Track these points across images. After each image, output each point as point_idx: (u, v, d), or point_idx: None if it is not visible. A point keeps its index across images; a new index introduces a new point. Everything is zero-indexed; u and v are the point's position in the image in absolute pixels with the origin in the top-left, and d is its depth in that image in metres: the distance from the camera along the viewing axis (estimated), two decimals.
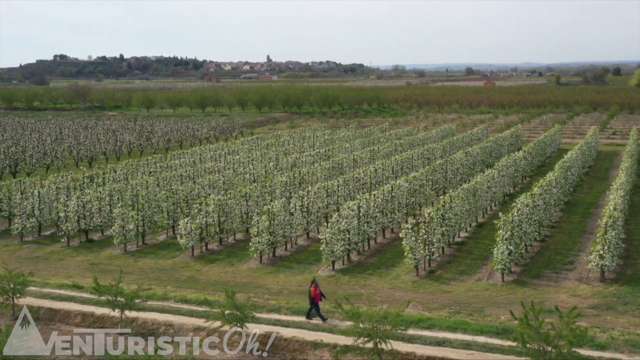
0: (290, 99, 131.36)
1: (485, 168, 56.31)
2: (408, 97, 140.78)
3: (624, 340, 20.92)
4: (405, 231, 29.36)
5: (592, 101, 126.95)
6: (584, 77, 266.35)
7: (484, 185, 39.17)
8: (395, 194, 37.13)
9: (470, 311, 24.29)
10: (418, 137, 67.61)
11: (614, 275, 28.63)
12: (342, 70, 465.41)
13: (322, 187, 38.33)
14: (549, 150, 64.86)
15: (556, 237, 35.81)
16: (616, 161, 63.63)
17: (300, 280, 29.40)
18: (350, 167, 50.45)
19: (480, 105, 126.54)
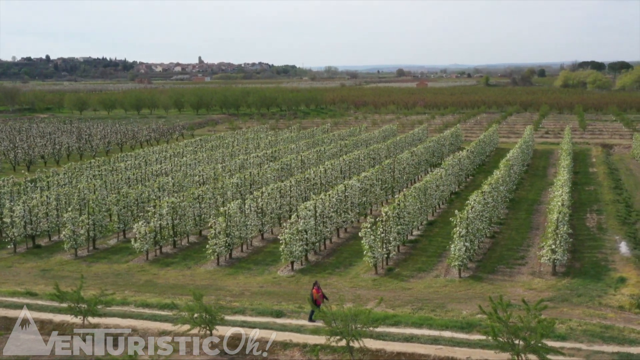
0: (228, 101, 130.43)
1: (429, 167, 57.55)
2: (345, 98, 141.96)
3: (582, 330, 21.74)
4: (364, 230, 29.70)
5: (522, 102, 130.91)
6: (511, 78, 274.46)
7: (433, 184, 39.94)
8: (348, 193, 37.47)
9: (433, 307, 24.77)
10: (362, 138, 68.31)
11: (564, 268, 29.68)
12: (275, 72, 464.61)
13: (276, 188, 38.34)
14: (488, 150, 66.63)
15: (505, 233, 36.85)
16: (552, 159, 65.94)
17: (260, 282, 29.37)
18: (298, 168, 50.63)
19: (416, 106, 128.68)
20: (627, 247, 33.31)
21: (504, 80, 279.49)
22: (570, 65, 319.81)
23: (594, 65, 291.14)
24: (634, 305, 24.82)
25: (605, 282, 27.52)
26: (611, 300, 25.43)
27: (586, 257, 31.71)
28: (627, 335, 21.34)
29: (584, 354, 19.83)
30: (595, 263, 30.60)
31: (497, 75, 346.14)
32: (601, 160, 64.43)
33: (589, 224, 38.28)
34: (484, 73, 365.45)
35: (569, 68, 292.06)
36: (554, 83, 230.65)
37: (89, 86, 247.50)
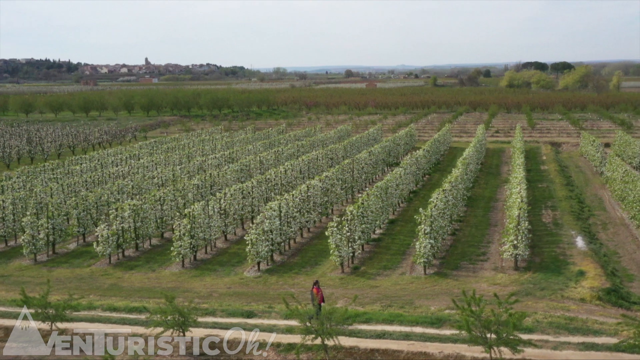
0: (179, 102, 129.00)
1: (386, 167, 58.22)
2: (297, 99, 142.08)
3: (547, 322, 22.35)
4: (331, 229, 29.93)
5: (471, 102, 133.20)
6: (459, 79, 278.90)
7: (393, 183, 40.44)
8: (310, 193, 37.65)
9: (401, 304, 25.09)
10: (318, 138, 68.55)
11: (525, 263, 30.43)
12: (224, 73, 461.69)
13: (238, 189, 38.25)
14: (442, 149, 67.75)
15: (465, 231, 37.57)
16: (504, 157, 67.43)
17: (228, 283, 29.30)
18: (257, 169, 50.60)
19: (368, 107, 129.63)
20: (583, 242, 34.35)
21: (451, 81, 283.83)
22: (514, 65, 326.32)
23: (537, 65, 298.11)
24: (594, 297, 25.64)
25: (565, 276, 28.32)
26: (573, 293, 26.19)
27: (545, 252, 32.58)
28: (591, 326, 22.01)
29: (551, 345, 20.38)
30: (555, 257, 31.47)
31: (444, 75, 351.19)
32: (551, 158, 66.18)
33: (545, 220, 39.32)
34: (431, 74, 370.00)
35: (514, 68, 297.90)
36: (499, 83, 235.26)
37: (33, 88, 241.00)
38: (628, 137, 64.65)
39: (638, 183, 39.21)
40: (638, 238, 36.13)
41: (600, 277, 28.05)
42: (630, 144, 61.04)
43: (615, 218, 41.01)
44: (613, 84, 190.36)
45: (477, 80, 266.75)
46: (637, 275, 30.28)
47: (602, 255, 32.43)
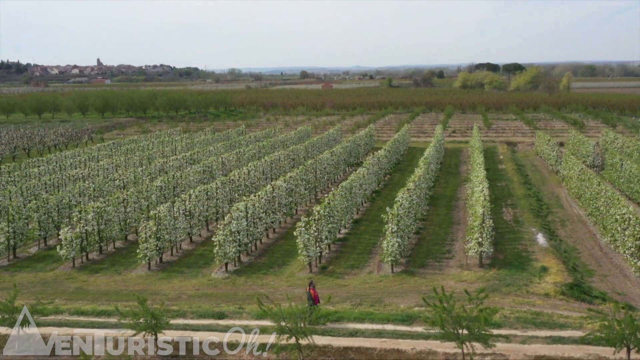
0: (135, 104, 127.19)
1: (347, 167, 58.61)
2: (254, 100, 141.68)
3: (515, 317, 22.89)
4: (299, 229, 30.06)
5: (427, 102, 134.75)
6: (413, 79, 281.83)
7: (357, 182, 40.77)
8: (276, 194, 37.71)
9: (371, 302, 25.33)
10: (279, 139, 68.59)
11: (490, 260, 31.05)
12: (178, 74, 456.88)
13: (203, 191, 38.07)
14: (402, 149, 68.47)
15: (429, 229, 38.09)
16: (462, 157, 68.53)
17: (196, 284, 29.14)
18: (219, 170, 50.41)
19: (325, 107, 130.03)
20: (543, 238, 35.21)
21: (406, 82, 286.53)
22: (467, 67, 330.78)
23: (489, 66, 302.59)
24: (558, 292, 26.33)
25: (529, 272, 28.99)
26: (537, 288, 26.85)
27: (508, 249, 33.28)
28: (557, 320, 22.61)
29: (520, 340, 20.87)
30: (517, 254, 32.18)
31: (399, 76, 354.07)
32: (508, 157, 67.48)
33: (506, 218, 40.12)
34: (385, 75, 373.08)
35: (466, 70, 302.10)
36: (453, 84, 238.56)
37: None
38: (582, 136, 66.37)
39: (594, 181, 40.31)
40: (596, 234, 37.16)
41: (562, 272, 28.82)
42: (584, 143, 62.64)
43: (573, 215, 42.08)
44: (563, 85, 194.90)
45: (432, 81, 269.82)
46: (596, 270, 31.16)
47: (563, 251, 33.33)
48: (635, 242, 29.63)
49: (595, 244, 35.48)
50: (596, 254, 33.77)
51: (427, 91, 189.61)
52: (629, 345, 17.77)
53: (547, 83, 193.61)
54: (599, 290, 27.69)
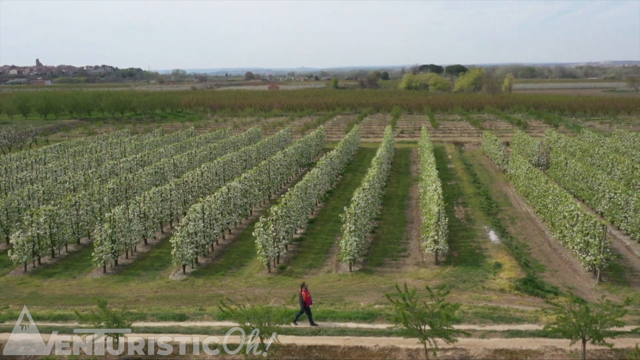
0: (79, 105, 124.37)
1: (299, 167, 58.77)
2: (201, 102, 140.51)
3: (473, 313, 23.48)
4: (257, 229, 30.08)
5: (374, 103, 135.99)
6: (359, 81, 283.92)
7: (312, 183, 40.98)
8: (231, 195, 37.60)
9: (332, 301, 25.59)
10: (230, 140, 68.27)
11: (445, 258, 31.64)
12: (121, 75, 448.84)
13: (157, 192, 37.67)
14: (353, 149, 69.00)
15: (384, 228, 38.54)
16: (411, 157, 69.47)
17: (154, 287, 28.84)
18: (171, 172, 49.92)
19: (273, 108, 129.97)
20: (495, 236, 36.05)
21: (352, 83, 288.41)
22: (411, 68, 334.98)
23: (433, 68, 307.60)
24: (512, 288, 27.05)
25: (484, 268, 29.69)
26: (492, 284, 27.54)
27: (462, 246, 33.96)
28: (513, 315, 23.28)
29: (479, 334, 21.43)
30: (471, 251, 32.89)
31: (344, 78, 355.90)
32: (456, 157, 68.73)
33: (458, 216, 40.91)
34: (331, 76, 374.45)
35: (411, 71, 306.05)
36: (398, 85, 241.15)
37: None
38: (526, 136, 68.08)
39: (542, 179, 41.45)
40: (544, 231, 38.21)
41: (515, 268, 29.60)
42: (528, 143, 64.27)
43: (522, 213, 43.16)
44: (505, 86, 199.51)
45: (377, 83, 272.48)
46: (547, 265, 32.05)
47: (514, 248, 34.19)
48: (584, 238, 30.60)
49: (544, 240, 36.49)
50: (546, 250, 34.73)
51: (373, 92, 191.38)
52: (584, 336, 18.41)
53: (490, 84, 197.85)
54: (551, 285, 28.50)
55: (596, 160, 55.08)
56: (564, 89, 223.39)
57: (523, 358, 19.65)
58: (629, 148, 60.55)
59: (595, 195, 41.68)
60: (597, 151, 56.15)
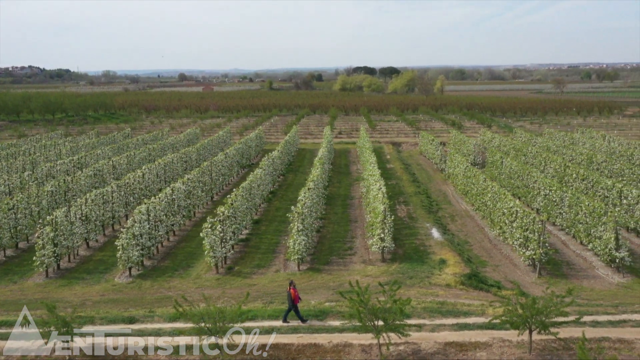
0: (7, 106, 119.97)
1: (240, 169, 58.63)
2: (135, 103, 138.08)
3: (422, 308, 24.01)
4: (205, 230, 29.95)
5: (311, 104, 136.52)
6: (294, 82, 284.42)
7: (255, 183, 41.00)
8: (175, 196, 37.27)
9: (282, 300, 25.60)
10: (168, 142, 67.45)
11: (391, 255, 32.19)
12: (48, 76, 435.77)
13: (99, 194, 36.98)
14: (293, 150, 69.22)
15: (329, 227, 38.88)
16: (350, 157, 70.18)
17: (100, 290, 28.34)
18: (110, 174, 49.02)
19: (209, 110, 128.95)
20: (438, 233, 36.87)
21: (286, 85, 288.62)
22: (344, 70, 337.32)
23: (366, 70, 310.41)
24: (458, 283, 27.79)
25: (429, 265, 30.36)
26: (438, 279, 28.21)
27: (406, 244, 34.61)
28: (460, 309, 23.92)
29: (430, 328, 21.94)
30: (416, 248, 33.56)
31: (278, 79, 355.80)
32: (395, 157, 69.83)
33: (401, 215, 41.62)
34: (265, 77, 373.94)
35: (345, 73, 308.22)
36: (333, 87, 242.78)
37: None
38: (462, 136, 69.79)
39: (480, 178, 42.64)
40: (484, 228, 39.31)
41: (459, 264, 30.39)
42: (464, 143, 65.89)
43: (461, 210, 44.25)
44: (437, 88, 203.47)
45: (312, 84, 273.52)
46: (488, 261, 33.02)
47: (457, 244, 35.06)
48: (523, 234, 31.68)
49: (484, 237, 37.54)
50: (486, 246, 35.75)
51: (309, 94, 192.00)
52: (531, 326, 19.11)
53: (423, 86, 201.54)
54: (494, 280, 29.39)
55: (529, 159, 56.96)
56: (493, 90, 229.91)
57: (472, 350, 20.18)
58: (559, 147, 62.82)
59: (530, 193, 43.10)
60: (530, 150, 58.08)
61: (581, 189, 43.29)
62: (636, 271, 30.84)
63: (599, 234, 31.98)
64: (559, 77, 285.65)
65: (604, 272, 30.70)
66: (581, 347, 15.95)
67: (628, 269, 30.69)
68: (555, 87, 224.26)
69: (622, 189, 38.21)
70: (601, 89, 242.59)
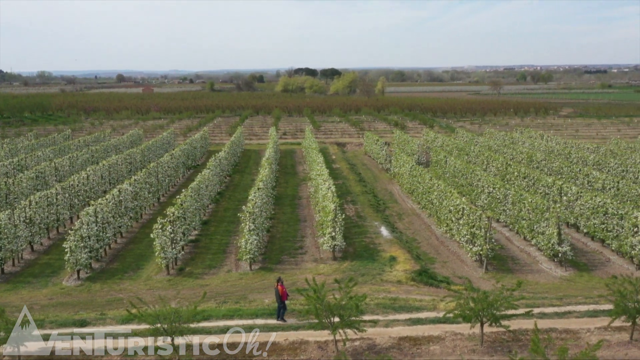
0: None
1: (185, 170, 58.14)
2: (73, 104, 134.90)
3: (375, 304, 24.39)
4: (156, 231, 29.68)
5: (254, 105, 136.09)
6: (235, 83, 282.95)
7: (204, 184, 40.78)
8: (122, 198, 36.75)
9: (236, 299, 25.70)
10: (111, 143, 66.30)
11: (342, 254, 32.54)
12: None
13: (44, 197, 36.14)
14: (238, 151, 69.01)
15: (278, 227, 38.98)
16: (296, 158, 70.40)
17: (48, 294, 27.76)
18: (53, 176, 47.89)
19: (151, 111, 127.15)
20: (386, 231, 37.42)
21: (228, 86, 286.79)
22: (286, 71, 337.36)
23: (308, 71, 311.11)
24: (409, 279, 28.33)
25: (380, 262, 30.83)
26: (390, 276, 28.68)
27: (356, 242, 35.01)
28: (412, 304, 24.40)
29: (384, 323, 22.31)
30: (366, 246, 34.00)
31: (219, 80, 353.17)
32: (340, 157, 70.39)
33: (350, 214, 42.02)
34: (205, 79, 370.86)
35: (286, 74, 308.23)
36: (275, 88, 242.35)
37: None
38: (406, 136, 70.90)
39: (426, 177, 43.43)
40: (431, 226, 40.07)
41: (409, 261, 30.95)
42: (409, 142, 66.92)
43: (408, 209, 44.97)
44: (378, 89, 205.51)
45: (253, 85, 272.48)
46: (437, 257, 33.70)
47: (405, 242, 35.68)
48: (470, 230, 32.48)
49: (431, 234, 38.28)
50: (434, 243, 36.47)
51: (251, 95, 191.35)
52: (482, 319, 19.65)
53: (364, 87, 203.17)
54: (443, 275, 30.03)
55: (472, 158, 58.27)
56: (433, 91, 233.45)
57: (426, 344, 20.60)
58: (500, 146, 64.48)
59: (474, 191, 44.12)
60: (473, 149, 59.42)
61: (523, 186, 44.57)
62: (578, 265, 32.00)
63: (542, 230, 33.02)
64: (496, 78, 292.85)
65: (548, 267, 31.74)
66: (534, 339, 16.49)
67: (570, 262, 31.80)
68: (493, 88, 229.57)
69: (562, 186, 39.53)
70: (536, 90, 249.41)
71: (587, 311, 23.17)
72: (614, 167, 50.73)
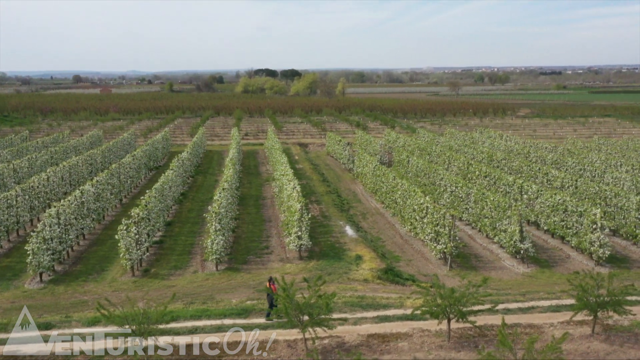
0: None
1: (147, 171, 57.58)
2: (29, 105, 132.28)
3: (342, 302, 24.56)
4: (121, 232, 29.38)
5: (214, 106, 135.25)
6: (195, 84, 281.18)
7: (167, 185, 40.48)
8: (84, 199, 36.26)
9: (203, 300, 25.59)
10: (71, 144, 65.24)
11: (308, 253, 32.63)
12: None
13: (3, 199, 35.44)
14: (200, 152, 68.60)
15: (243, 227, 38.90)
16: (259, 158, 70.26)
17: (10, 297, 27.22)
18: (11, 178, 46.94)
19: (110, 112, 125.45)
20: (351, 230, 37.64)
21: (187, 87, 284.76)
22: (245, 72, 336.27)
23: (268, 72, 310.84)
24: (375, 277, 28.59)
25: (346, 261, 31.03)
26: (356, 275, 28.90)
27: (322, 241, 35.16)
28: (379, 302, 24.62)
29: (352, 321, 22.47)
30: (331, 245, 34.17)
31: (178, 81, 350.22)
32: (303, 157, 70.49)
33: (314, 213, 42.14)
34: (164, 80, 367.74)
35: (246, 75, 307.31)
36: (235, 89, 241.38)
37: None
38: (368, 136, 71.34)
39: (389, 176, 43.80)
40: (395, 225, 40.45)
41: (375, 259, 31.23)
42: (371, 143, 67.36)
43: (371, 208, 45.30)
44: (339, 90, 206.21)
45: (213, 86, 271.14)
46: (401, 256, 34.04)
47: (370, 241, 35.96)
48: (434, 228, 32.89)
49: (395, 233, 38.64)
50: (398, 242, 36.83)
51: (211, 96, 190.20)
52: (449, 316, 19.96)
53: (325, 88, 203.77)
54: (408, 274, 30.36)
55: (434, 157, 58.95)
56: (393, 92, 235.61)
57: (394, 340, 20.83)
58: (461, 146, 65.34)
59: (437, 190, 44.65)
60: (434, 149, 60.11)
61: (484, 185, 45.27)
62: (539, 261, 32.68)
63: (504, 228, 33.62)
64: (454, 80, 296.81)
65: (510, 263, 32.33)
66: (501, 333, 16.85)
67: (532, 259, 32.46)
68: (451, 89, 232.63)
69: (522, 184, 40.28)
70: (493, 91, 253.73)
71: (550, 306, 23.69)
72: (572, 166, 51.88)
